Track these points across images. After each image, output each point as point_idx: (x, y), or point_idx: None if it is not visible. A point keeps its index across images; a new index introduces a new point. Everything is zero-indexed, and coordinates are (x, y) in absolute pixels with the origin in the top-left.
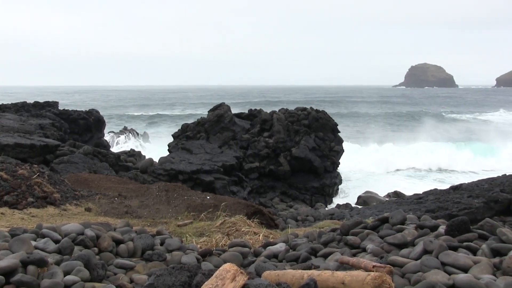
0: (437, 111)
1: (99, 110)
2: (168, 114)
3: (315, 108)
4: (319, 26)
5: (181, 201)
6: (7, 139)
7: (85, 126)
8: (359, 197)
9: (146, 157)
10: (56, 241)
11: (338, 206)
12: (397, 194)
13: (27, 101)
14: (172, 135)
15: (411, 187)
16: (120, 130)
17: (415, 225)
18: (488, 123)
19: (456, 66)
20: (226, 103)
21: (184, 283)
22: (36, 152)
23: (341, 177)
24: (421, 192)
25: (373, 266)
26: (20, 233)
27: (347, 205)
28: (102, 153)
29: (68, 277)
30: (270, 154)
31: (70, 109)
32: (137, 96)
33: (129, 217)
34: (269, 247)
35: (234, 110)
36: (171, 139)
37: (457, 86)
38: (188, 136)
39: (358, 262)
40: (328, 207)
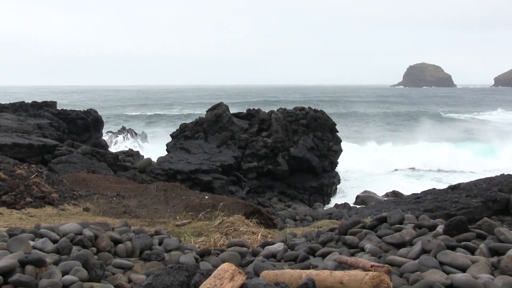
0: (435, 110)
1: (98, 110)
2: (166, 114)
3: (313, 107)
4: (319, 26)
5: (179, 201)
6: (5, 139)
7: (83, 126)
8: (358, 197)
9: (145, 157)
10: (54, 241)
11: (336, 205)
12: (395, 194)
13: (25, 101)
14: (171, 135)
15: (410, 187)
16: (119, 130)
17: (413, 224)
18: (486, 122)
19: (454, 66)
20: (224, 103)
21: (182, 282)
22: (34, 152)
23: (339, 176)
24: (419, 192)
25: (371, 266)
26: (18, 233)
27: (345, 205)
28: (100, 153)
29: (66, 277)
30: (269, 154)
31: (68, 109)
32: (136, 96)
33: (127, 217)
34: (267, 246)
35: (233, 110)
36: (170, 139)
37: (455, 85)
38: (186, 136)
39: (356, 262)
40: (327, 206)
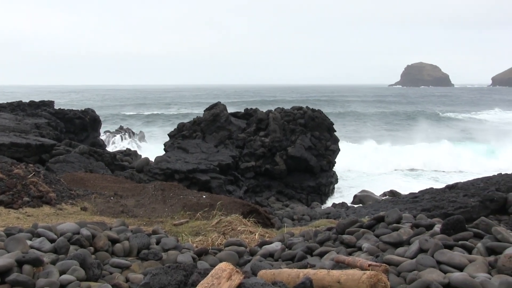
0: (433, 110)
1: (95, 110)
2: (164, 113)
3: (311, 107)
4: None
5: (177, 200)
6: (3, 139)
7: (81, 125)
8: (355, 196)
9: (142, 156)
10: (52, 241)
11: (334, 205)
12: (393, 193)
13: (23, 101)
14: (168, 134)
15: (407, 186)
16: (116, 130)
17: (410, 224)
18: (483, 122)
19: (452, 65)
20: (222, 102)
21: (180, 282)
22: (32, 151)
23: (337, 176)
24: (417, 191)
25: (369, 265)
26: (15, 232)
27: (343, 204)
28: (98, 152)
29: (63, 276)
30: (266, 153)
31: (66, 109)
32: (133, 96)
33: (125, 216)
34: (265, 246)
35: (230, 110)
36: (167, 138)
37: (453, 85)
38: (184, 135)
39: (354, 261)
40: (324, 206)
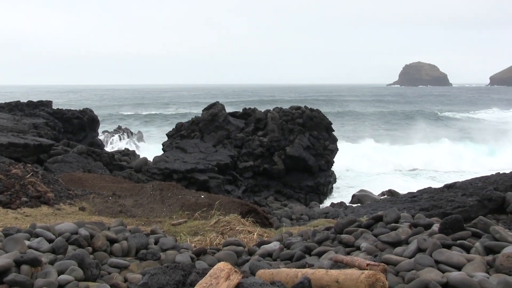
0: (431, 109)
1: (93, 109)
2: (162, 113)
3: (309, 107)
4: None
5: (175, 200)
6: (1, 139)
7: (79, 125)
8: (354, 196)
9: (140, 156)
10: (50, 241)
11: (332, 204)
12: (391, 193)
13: (21, 101)
14: (167, 134)
15: (405, 186)
16: (114, 129)
17: (409, 223)
18: (482, 121)
19: (450, 65)
20: (220, 102)
21: (178, 282)
22: (30, 151)
23: (335, 175)
24: (415, 191)
25: (367, 265)
26: (13, 232)
27: (341, 204)
28: (96, 152)
29: (62, 276)
30: (265, 153)
31: (64, 109)
32: (132, 96)
33: (123, 216)
34: (263, 245)
35: (228, 109)
36: (166, 138)
37: (451, 84)
38: (182, 135)
39: (352, 261)
40: (323, 205)
